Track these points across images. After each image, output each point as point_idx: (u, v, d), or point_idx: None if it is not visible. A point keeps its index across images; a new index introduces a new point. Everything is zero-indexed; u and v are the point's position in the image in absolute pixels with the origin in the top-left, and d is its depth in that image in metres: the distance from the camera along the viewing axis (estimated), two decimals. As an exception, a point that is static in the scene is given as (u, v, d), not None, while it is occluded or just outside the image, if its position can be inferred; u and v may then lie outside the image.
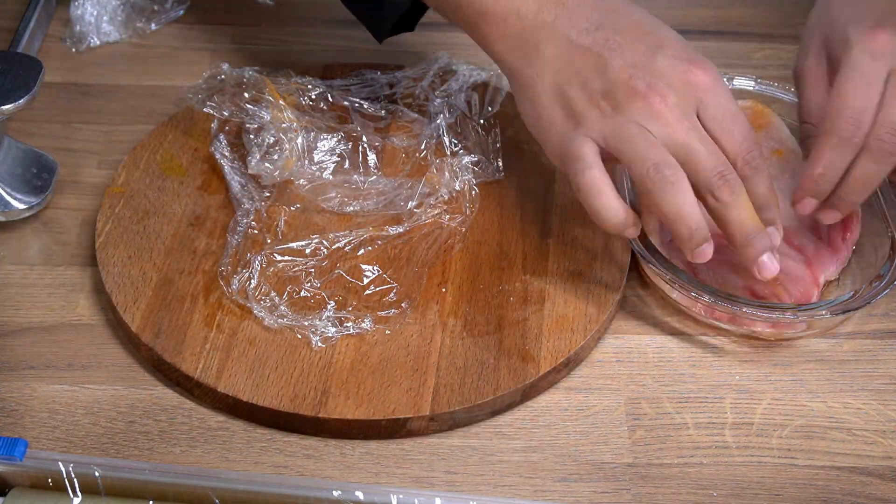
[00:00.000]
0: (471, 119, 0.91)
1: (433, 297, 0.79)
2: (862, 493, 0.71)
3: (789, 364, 0.78)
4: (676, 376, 0.77)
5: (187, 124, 0.91)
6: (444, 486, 0.71)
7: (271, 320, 0.77)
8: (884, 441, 0.74)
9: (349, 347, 0.76)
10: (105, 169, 0.90)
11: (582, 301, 0.79)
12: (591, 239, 0.83)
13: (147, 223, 0.83)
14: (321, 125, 0.88)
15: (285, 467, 0.72)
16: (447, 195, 0.84)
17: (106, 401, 0.75)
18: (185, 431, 0.73)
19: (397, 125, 0.91)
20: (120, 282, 0.79)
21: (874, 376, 0.78)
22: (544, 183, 0.87)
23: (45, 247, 0.85)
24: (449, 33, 1.02)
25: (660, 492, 0.71)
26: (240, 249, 0.81)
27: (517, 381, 0.74)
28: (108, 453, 0.72)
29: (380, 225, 0.83)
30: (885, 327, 0.81)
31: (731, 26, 1.05)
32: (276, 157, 0.85)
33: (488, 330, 0.77)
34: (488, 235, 0.84)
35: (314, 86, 0.91)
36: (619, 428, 0.74)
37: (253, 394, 0.73)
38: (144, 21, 1.03)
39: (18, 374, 0.76)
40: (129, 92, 0.97)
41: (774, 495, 0.71)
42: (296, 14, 1.06)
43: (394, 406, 0.73)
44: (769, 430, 0.74)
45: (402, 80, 0.94)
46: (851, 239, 0.83)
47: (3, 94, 0.81)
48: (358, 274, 0.80)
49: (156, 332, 0.76)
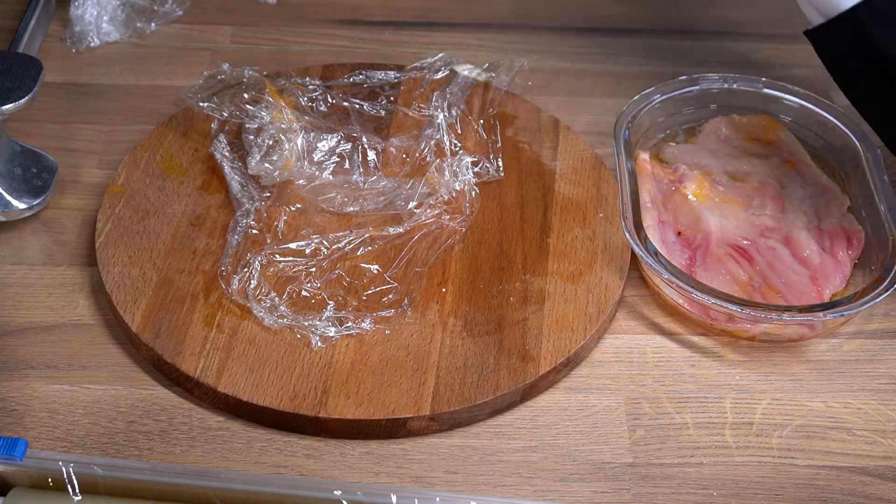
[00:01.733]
0: (471, 119, 0.91)
1: (433, 297, 0.79)
2: (862, 493, 0.71)
3: (789, 364, 0.78)
4: (676, 376, 0.77)
5: (187, 124, 0.91)
6: (444, 486, 0.71)
7: (271, 320, 0.77)
8: (884, 441, 0.74)
9: (349, 347, 0.76)
10: (105, 169, 0.90)
11: (582, 301, 0.79)
12: (591, 239, 0.83)
13: (147, 223, 0.83)
14: (321, 125, 0.88)
15: (285, 467, 0.72)
16: (447, 195, 0.84)
17: (106, 401, 0.75)
18: (185, 431, 0.73)
19: (397, 125, 0.91)
20: (120, 282, 0.79)
21: (874, 376, 0.78)
22: (544, 183, 0.87)
23: (45, 247, 0.85)
24: (449, 33, 1.02)
25: (660, 492, 0.71)
26: (240, 249, 0.81)
27: (517, 381, 0.75)
28: (108, 453, 0.72)
29: (380, 225, 0.83)
30: (886, 327, 0.81)
31: (732, 26, 1.05)
32: (275, 158, 0.85)
33: (488, 330, 0.77)
34: (488, 235, 0.84)
35: (314, 86, 0.91)
36: (619, 428, 0.74)
37: (253, 394, 0.73)
38: (144, 21, 1.03)
39: (18, 374, 0.76)
40: (129, 92, 0.97)
41: (774, 495, 0.71)
42: (296, 14, 1.06)
43: (394, 406, 0.73)
44: (769, 430, 0.75)
45: (402, 80, 0.94)
46: (856, 253, 0.83)
47: (3, 94, 0.81)
48: (358, 274, 0.80)
49: (156, 332, 0.76)
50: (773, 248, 0.82)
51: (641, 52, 1.01)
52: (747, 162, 0.89)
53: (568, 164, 0.89)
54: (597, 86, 0.98)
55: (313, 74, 0.94)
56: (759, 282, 0.80)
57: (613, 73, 1.00)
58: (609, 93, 0.97)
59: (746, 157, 0.89)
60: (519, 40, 1.03)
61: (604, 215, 0.85)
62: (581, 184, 0.87)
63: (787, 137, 0.90)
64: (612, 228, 0.84)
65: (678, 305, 0.80)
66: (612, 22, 1.05)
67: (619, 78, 0.99)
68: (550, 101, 0.95)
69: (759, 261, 0.81)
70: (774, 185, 0.86)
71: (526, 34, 1.04)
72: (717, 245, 0.82)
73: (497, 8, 1.06)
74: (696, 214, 0.84)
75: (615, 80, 0.99)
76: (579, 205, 0.86)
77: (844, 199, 0.86)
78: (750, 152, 0.89)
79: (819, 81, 0.99)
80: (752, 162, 0.89)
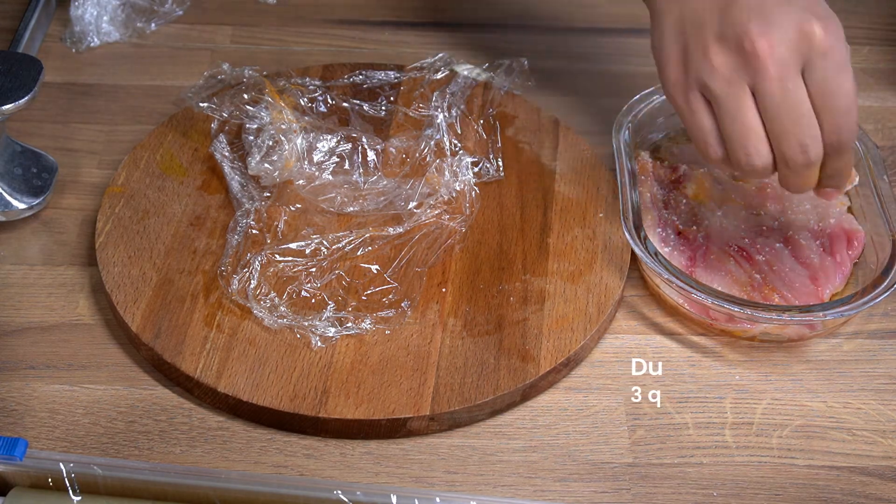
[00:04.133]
0: (471, 119, 0.91)
1: (433, 297, 0.79)
2: (862, 493, 0.71)
3: (789, 364, 0.78)
4: (676, 376, 0.77)
5: (187, 124, 0.91)
6: (444, 486, 0.71)
7: (271, 320, 0.77)
8: (884, 441, 0.74)
9: (349, 347, 0.76)
10: (105, 169, 0.90)
11: (582, 301, 0.79)
12: (591, 239, 0.83)
13: (147, 223, 0.83)
14: (321, 126, 0.88)
15: (285, 467, 0.72)
16: (447, 195, 0.84)
17: (106, 401, 0.75)
18: (185, 431, 0.73)
19: (397, 125, 0.91)
20: (120, 282, 0.79)
21: (874, 376, 0.78)
22: (544, 183, 0.87)
23: (45, 247, 0.85)
24: (449, 33, 1.02)
25: (660, 492, 0.71)
26: (240, 249, 0.81)
27: (517, 381, 0.74)
28: (108, 453, 0.72)
29: (380, 225, 0.83)
30: (885, 327, 0.81)
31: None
32: (275, 158, 0.85)
33: (488, 330, 0.77)
34: (488, 235, 0.84)
35: (314, 86, 0.91)
36: (619, 428, 0.74)
37: (253, 394, 0.73)
38: (144, 21, 1.03)
39: (18, 374, 0.76)
40: (129, 92, 0.97)
41: (774, 495, 0.71)
42: (296, 14, 1.06)
43: (394, 406, 0.73)
44: (769, 430, 0.75)
45: (402, 80, 0.94)
46: (856, 253, 0.83)
47: (3, 94, 0.81)
48: (358, 274, 0.80)
49: (156, 332, 0.76)
50: (773, 248, 0.82)
51: (641, 52, 1.01)
52: (747, 162, 0.88)
53: (568, 164, 0.89)
54: (597, 86, 0.98)
55: (313, 74, 0.94)
56: (759, 282, 0.80)
57: (613, 73, 1.00)
58: (609, 93, 0.97)
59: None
60: (519, 40, 1.03)
61: (604, 215, 0.85)
62: (581, 184, 0.87)
63: None
64: (612, 228, 0.84)
65: (678, 305, 0.80)
66: (612, 22, 1.05)
67: (619, 78, 0.99)
68: (550, 101, 0.95)
69: (759, 261, 0.81)
70: (774, 186, 0.86)
71: (526, 34, 1.04)
72: (717, 245, 0.82)
73: (497, 8, 1.06)
74: (696, 214, 0.84)
75: (615, 80, 0.99)
76: (579, 205, 0.86)
77: (844, 199, 0.86)
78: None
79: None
80: (753, 162, 0.89)
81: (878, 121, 0.96)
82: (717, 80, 0.72)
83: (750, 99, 0.72)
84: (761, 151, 0.72)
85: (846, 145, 0.72)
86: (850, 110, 0.72)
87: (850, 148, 0.73)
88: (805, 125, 0.71)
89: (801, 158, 0.72)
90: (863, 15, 1.07)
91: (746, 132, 0.72)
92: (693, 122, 0.75)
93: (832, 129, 0.72)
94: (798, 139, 0.71)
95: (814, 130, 0.72)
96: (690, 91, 0.74)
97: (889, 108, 0.98)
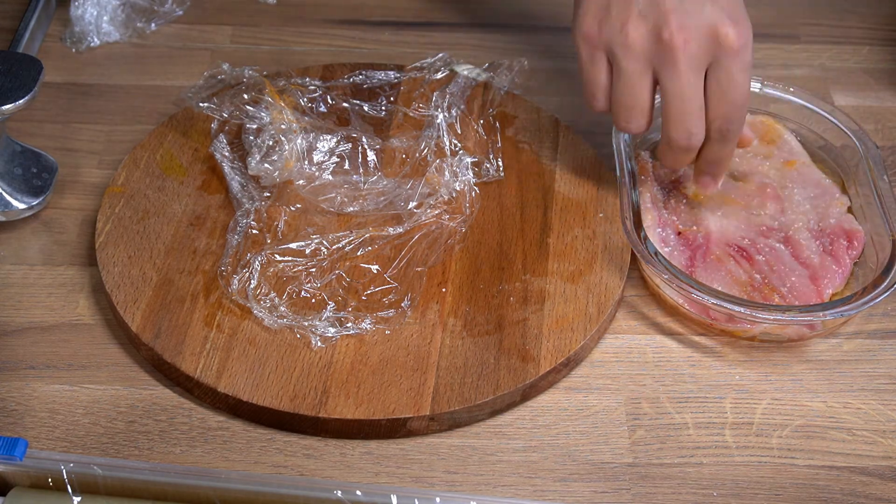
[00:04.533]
0: (471, 119, 0.91)
1: (433, 297, 0.79)
2: (862, 493, 0.71)
3: (789, 364, 0.78)
4: (676, 376, 0.77)
5: (187, 124, 0.91)
6: (444, 486, 0.71)
7: (271, 320, 0.77)
8: (884, 441, 0.74)
9: (349, 347, 0.76)
10: (105, 169, 0.90)
11: (582, 301, 0.79)
12: (591, 239, 0.83)
13: (147, 223, 0.83)
14: (321, 126, 0.88)
15: (285, 467, 0.72)
16: (447, 195, 0.84)
17: (106, 401, 0.75)
18: (185, 431, 0.73)
19: (397, 125, 0.91)
20: (120, 282, 0.79)
21: (874, 376, 0.78)
22: (544, 183, 0.87)
23: (45, 247, 0.85)
24: (449, 33, 1.02)
25: (660, 492, 0.71)
26: (240, 249, 0.81)
27: (517, 381, 0.75)
28: (108, 453, 0.72)
29: (380, 225, 0.83)
30: (885, 327, 0.81)
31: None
32: (275, 158, 0.85)
33: (488, 330, 0.77)
34: (488, 235, 0.84)
35: (314, 86, 0.91)
36: (619, 428, 0.74)
37: (253, 394, 0.73)
38: (144, 21, 1.03)
39: (18, 374, 0.76)
40: (129, 92, 0.97)
41: (774, 495, 0.71)
42: (296, 14, 1.06)
43: (394, 406, 0.73)
44: (769, 430, 0.75)
45: (402, 80, 0.94)
46: (856, 253, 0.83)
47: (3, 94, 0.81)
48: (358, 274, 0.80)
49: (156, 332, 0.76)
50: (773, 248, 0.82)
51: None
52: (747, 162, 0.89)
53: (568, 164, 0.89)
54: (597, 86, 0.98)
55: (313, 74, 0.94)
56: (759, 282, 0.80)
57: (613, 73, 1.00)
58: (609, 93, 0.97)
59: (746, 157, 0.89)
60: (519, 40, 1.03)
61: (604, 215, 0.85)
62: (581, 184, 0.87)
63: (787, 137, 0.90)
64: (612, 228, 0.84)
65: (678, 305, 0.80)
66: (612, 22, 1.05)
67: (619, 78, 0.99)
68: (550, 101, 0.95)
69: (759, 261, 0.81)
70: (774, 185, 0.86)
71: (526, 34, 1.04)
72: (717, 245, 0.82)
73: (497, 8, 1.06)
74: (696, 214, 0.84)
75: (615, 80, 0.99)
76: (579, 205, 0.86)
77: (844, 199, 0.86)
78: (750, 152, 0.89)
79: (819, 81, 0.99)
80: (752, 162, 0.89)
81: (878, 121, 0.96)
82: (628, 54, 0.77)
83: (650, 79, 0.78)
84: (641, 123, 0.80)
85: (733, 134, 0.78)
86: (743, 105, 0.77)
87: (735, 139, 0.79)
88: (696, 116, 0.77)
89: (685, 143, 0.78)
90: (863, 15, 1.07)
91: (634, 103, 0.79)
92: (590, 74, 0.80)
93: (724, 117, 0.77)
94: (686, 126, 0.78)
95: (701, 121, 0.78)
96: (597, 50, 0.79)
97: (889, 108, 0.98)
